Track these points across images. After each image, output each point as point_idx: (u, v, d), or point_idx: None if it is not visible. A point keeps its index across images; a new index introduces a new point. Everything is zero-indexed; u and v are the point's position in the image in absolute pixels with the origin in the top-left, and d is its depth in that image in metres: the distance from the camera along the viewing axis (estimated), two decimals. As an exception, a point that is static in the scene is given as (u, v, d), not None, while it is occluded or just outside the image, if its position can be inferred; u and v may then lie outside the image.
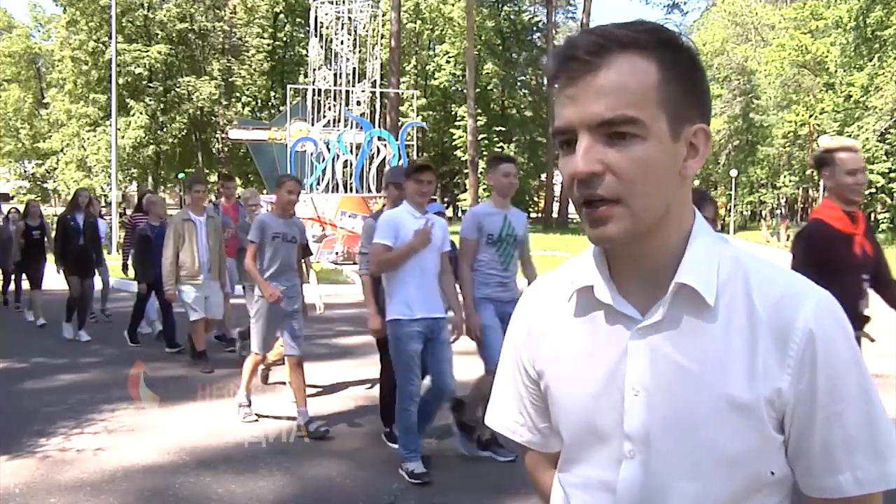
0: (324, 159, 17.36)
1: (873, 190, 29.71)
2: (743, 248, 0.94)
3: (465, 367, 4.58)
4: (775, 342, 0.85)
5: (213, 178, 41.71)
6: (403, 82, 37.37)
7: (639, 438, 0.89)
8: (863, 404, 0.85)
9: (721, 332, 0.86)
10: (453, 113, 44.45)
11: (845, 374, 0.85)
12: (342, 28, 18.50)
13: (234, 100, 38.11)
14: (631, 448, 0.90)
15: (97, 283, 8.63)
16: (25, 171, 46.15)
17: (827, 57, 33.47)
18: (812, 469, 0.87)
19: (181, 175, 40.20)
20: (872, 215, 33.55)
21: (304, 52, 34.30)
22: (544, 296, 1.04)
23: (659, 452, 0.88)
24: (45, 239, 9.11)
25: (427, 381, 4.20)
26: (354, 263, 16.72)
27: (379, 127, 19.77)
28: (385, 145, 18.16)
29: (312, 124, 18.02)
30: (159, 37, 35.65)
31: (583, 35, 0.84)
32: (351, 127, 18.16)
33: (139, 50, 34.04)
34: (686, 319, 0.88)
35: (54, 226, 8.73)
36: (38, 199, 33.02)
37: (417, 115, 27.96)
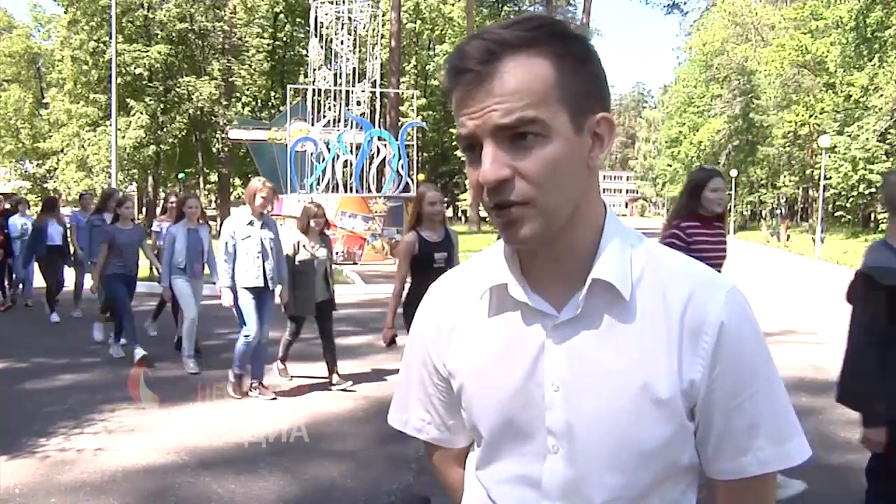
0: (324, 159, 17.37)
1: (873, 190, 29.71)
2: (654, 243, 0.95)
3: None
4: (689, 334, 0.87)
5: (214, 177, 41.97)
6: (403, 82, 37.36)
7: (561, 433, 0.90)
8: (767, 391, 0.89)
9: (637, 325, 0.88)
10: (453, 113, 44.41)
11: (752, 364, 0.88)
12: (342, 28, 18.51)
13: (234, 100, 38.06)
14: (554, 443, 0.90)
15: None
16: (26, 171, 46.18)
17: (827, 57, 33.39)
18: (718, 453, 0.90)
19: (181, 175, 40.19)
20: (872, 215, 33.53)
21: (304, 52, 34.31)
22: (453, 292, 1.01)
23: (582, 446, 0.89)
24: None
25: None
26: (355, 263, 16.78)
27: (379, 127, 19.77)
28: (385, 145, 18.17)
29: (312, 124, 18.04)
30: (159, 37, 35.60)
31: (472, 42, 0.82)
32: (351, 127, 18.18)
33: (139, 50, 34.00)
34: (602, 314, 0.88)
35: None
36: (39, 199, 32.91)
37: (417, 115, 27.94)
